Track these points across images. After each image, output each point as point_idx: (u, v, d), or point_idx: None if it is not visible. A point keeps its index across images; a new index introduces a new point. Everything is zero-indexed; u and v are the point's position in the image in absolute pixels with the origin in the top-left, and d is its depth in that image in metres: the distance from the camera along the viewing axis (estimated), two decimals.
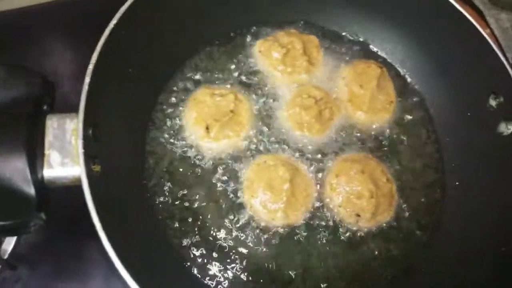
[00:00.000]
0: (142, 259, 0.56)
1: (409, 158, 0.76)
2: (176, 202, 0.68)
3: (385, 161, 0.74)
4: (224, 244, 0.66)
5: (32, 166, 0.52)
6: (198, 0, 0.75)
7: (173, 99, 0.75)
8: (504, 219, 0.64)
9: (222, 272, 0.65)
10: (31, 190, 0.52)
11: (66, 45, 0.88)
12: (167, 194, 0.68)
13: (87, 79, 0.55)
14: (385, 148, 0.76)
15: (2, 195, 0.51)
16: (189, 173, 0.70)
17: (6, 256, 0.70)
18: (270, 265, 0.66)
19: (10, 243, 0.72)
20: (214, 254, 0.66)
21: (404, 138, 0.77)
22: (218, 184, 0.70)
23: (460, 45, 0.75)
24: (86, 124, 0.54)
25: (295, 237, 0.68)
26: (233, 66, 0.79)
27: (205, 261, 0.65)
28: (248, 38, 0.81)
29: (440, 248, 0.71)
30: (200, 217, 0.68)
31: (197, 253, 0.65)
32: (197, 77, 0.77)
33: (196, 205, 0.68)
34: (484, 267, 0.64)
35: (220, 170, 0.70)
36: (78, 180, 0.52)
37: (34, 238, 0.73)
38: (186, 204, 0.68)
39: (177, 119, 0.73)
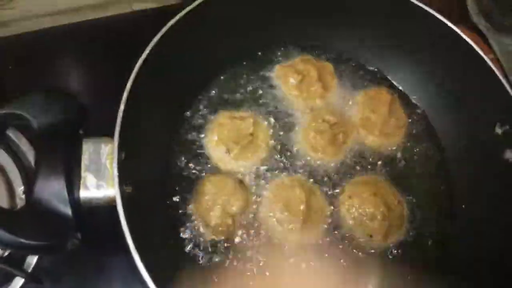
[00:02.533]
0: (169, 275, 0.59)
1: (418, 181, 0.79)
2: (197, 219, 0.71)
3: (396, 184, 0.78)
4: (242, 260, 0.69)
5: (70, 188, 0.55)
6: (224, 23, 0.77)
7: (195, 122, 0.78)
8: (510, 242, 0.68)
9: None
10: (68, 211, 0.55)
11: (90, 66, 0.92)
12: (189, 212, 0.72)
13: (122, 107, 0.59)
14: (396, 171, 0.79)
15: (41, 216, 0.54)
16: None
17: (30, 270, 0.73)
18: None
19: (33, 256, 0.74)
20: (233, 269, 0.69)
21: (414, 161, 0.80)
22: None
23: (468, 75, 0.78)
24: (120, 149, 0.57)
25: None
26: (251, 91, 0.82)
27: (227, 280, 0.68)
28: (266, 64, 0.85)
29: (451, 268, 0.74)
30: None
31: (220, 270, 0.68)
32: (218, 100, 0.81)
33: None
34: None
35: None
36: (113, 201, 0.56)
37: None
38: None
39: (199, 140, 0.77)
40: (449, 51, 0.79)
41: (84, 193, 0.57)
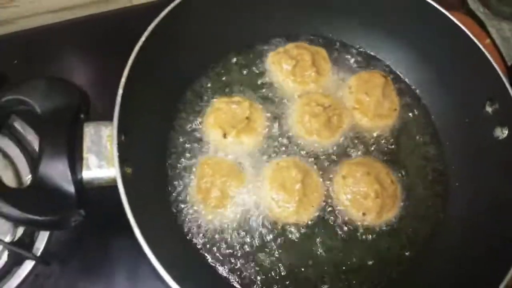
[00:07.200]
0: (170, 253, 0.61)
1: (412, 161, 0.81)
2: (196, 201, 0.74)
3: (389, 164, 0.80)
4: (240, 242, 0.72)
5: (73, 168, 0.59)
6: (217, 14, 0.81)
7: (193, 108, 0.81)
8: (501, 216, 0.69)
9: (238, 270, 0.71)
10: (71, 189, 0.58)
11: (92, 59, 0.95)
12: (187, 194, 0.74)
13: (120, 91, 0.62)
14: (390, 152, 0.81)
15: (47, 193, 0.57)
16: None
17: (39, 253, 0.76)
18: (282, 263, 0.71)
19: (42, 241, 0.77)
20: (230, 251, 0.72)
21: (407, 142, 0.83)
22: None
23: (458, 56, 0.80)
24: (119, 131, 0.60)
25: (305, 235, 0.73)
26: (248, 76, 0.85)
27: (223, 259, 0.71)
28: (262, 50, 0.88)
29: (443, 246, 0.75)
30: (218, 216, 0.73)
31: (216, 250, 0.71)
32: (214, 86, 0.84)
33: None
34: (482, 264, 0.68)
35: None
36: (113, 181, 0.59)
37: (64, 236, 0.79)
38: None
39: (196, 125, 0.79)
40: (440, 34, 0.81)
41: (86, 173, 0.60)
